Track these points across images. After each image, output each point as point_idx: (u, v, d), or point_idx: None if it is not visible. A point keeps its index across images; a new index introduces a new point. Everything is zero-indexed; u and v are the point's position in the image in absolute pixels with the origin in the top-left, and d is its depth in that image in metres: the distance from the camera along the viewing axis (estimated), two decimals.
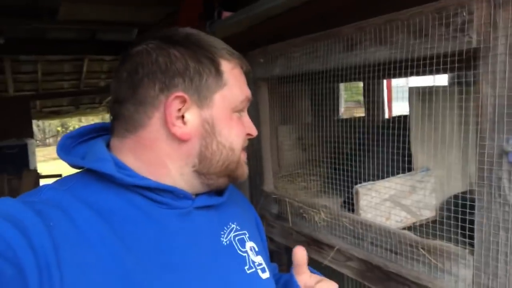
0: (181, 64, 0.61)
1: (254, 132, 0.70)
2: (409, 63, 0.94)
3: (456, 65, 0.83)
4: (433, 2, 0.85)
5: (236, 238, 0.70)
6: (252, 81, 1.46)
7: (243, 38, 1.45)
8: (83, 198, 0.57)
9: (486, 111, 0.78)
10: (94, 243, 0.52)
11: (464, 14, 0.80)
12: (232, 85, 0.65)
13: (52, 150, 14.44)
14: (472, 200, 1.14)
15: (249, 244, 0.71)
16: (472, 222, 0.95)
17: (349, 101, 2.86)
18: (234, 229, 0.71)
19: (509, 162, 0.77)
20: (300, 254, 0.72)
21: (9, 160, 4.61)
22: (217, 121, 0.64)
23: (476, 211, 0.84)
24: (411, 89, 1.23)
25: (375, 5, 1.00)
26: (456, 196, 1.23)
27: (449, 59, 0.83)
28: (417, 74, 1.04)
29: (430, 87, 1.25)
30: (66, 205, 0.55)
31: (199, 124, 0.63)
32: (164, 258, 0.57)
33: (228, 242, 0.67)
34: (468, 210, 0.99)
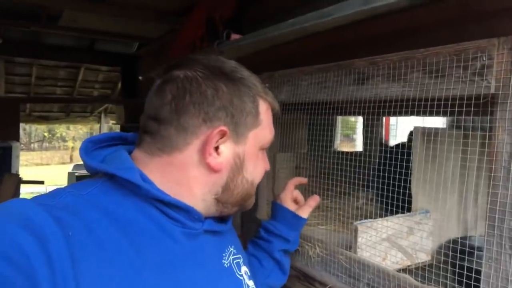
0: (226, 100, 0.65)
1: (268, 167, 0.77)
2: (418, 103, 0.92)
3: (464, 109, 0.82)
4: (452, 44, 0.84)
5: (235, 261, 0.74)
6: None
7: (250, 61, 1.43)
8: (103, 206, 0.57)
9: (501, 158, 0.76)
10: (112, 255, 0.53)
11: (484, 58, 0.79)
12: (265, 125, 0.72)
13: (35, 155, 14.15)
14: (471, 247, 1.11)
15: (244, 268, 0.76)
16: (470, 269, 0.92)
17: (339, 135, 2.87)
18: (232, 252, 0.75)
19: None
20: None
21: None
22: (247, 157, 0.70)
23: (484, 261, 0.81)
24: (416, 129, 1.22)
25: (389, 43, 0.99)
26: (454, 241, 1.21)
27: (465, 102, 0.82)
28: (424, 114, 1.03)
29: (436, 129, 1.24)
30: (85, 214, 0.55)
31: (231, 158, 0.68)
32: (177, 274, 0.59)
33: (228, 264, 0.72)
34: (466, 257, 0.97)
